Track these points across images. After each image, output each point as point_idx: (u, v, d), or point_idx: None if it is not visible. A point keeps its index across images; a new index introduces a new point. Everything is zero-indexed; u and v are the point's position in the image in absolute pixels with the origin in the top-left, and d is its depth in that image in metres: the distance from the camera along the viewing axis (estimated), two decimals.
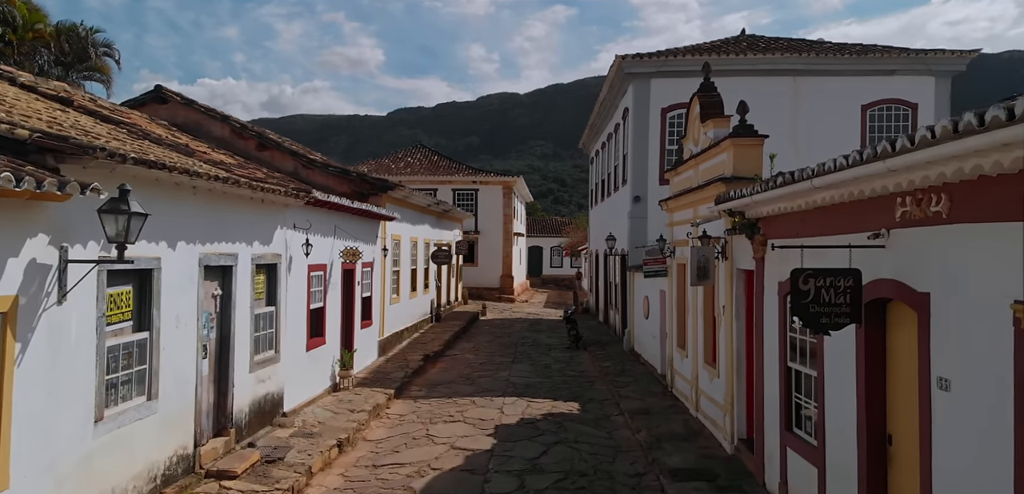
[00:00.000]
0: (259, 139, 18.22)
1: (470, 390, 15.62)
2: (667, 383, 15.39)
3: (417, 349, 20.20)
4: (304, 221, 12.56)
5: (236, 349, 10.36)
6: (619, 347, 21.66)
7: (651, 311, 17.89)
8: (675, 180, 15.05)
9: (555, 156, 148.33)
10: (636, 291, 20.11)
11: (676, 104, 20.60)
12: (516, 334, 25.82)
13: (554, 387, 16.10)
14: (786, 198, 7.86)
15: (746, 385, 10.74)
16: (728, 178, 10.96)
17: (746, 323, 10.72)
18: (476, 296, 40.61)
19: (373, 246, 17.87)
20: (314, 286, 13.55)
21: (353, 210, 15.05)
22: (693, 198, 12.99)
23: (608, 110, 25.42)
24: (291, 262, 12.29)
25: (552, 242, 66.11)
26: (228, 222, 10.06)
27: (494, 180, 42.70)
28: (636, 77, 20.83)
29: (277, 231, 11.74)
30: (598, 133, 29.67)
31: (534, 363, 19.43)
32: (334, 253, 14.53)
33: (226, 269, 10.14)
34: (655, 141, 20.71)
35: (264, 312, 11.44)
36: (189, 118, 17.63)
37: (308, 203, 12.25)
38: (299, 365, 12.80)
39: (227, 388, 10.18)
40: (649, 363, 17.93)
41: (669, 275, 15.24)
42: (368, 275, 17.42)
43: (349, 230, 15.42)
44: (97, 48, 24.43)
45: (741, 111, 11.10)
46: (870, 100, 20.54)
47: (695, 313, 13.15)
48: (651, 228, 20.52)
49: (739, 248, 10.63)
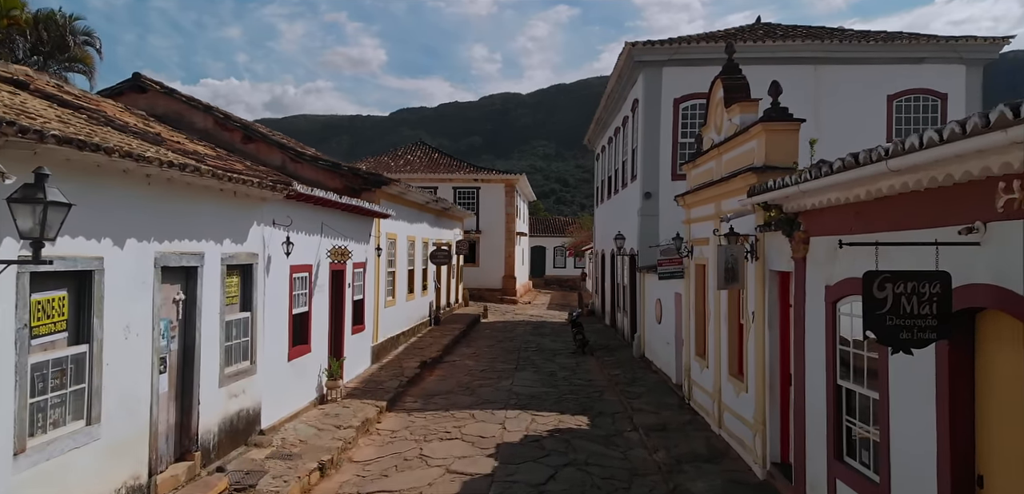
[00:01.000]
0: (244, 131, 17.06)
1: (469, 401, 14.38)
2: (684, 394, 14.14)
3: (414, 355, 18.98)
4: (284, 217, 11.34)
5: (202, 361, 9.14)
6: (628, 353, 20.41)
7: (664, 315, 16.64)
8: (693, 173, 13.80)
9: (557, 156, 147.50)
10: (647, 293, 18.86)
11: (690, 94, 19.36)
12: (519, 338, 24.59)
13: (560, 398, 14.86)
14: (843, 187, 6.61)
15: (780, 402, 9.50)
16: (759, 168, 9.71)
17: (780, 332, 9.48)
18: (477, 297, 39.37)
19: (366, 245, 16.65)
20: (297, 289, 12.33)
21: (342, 206, 13.83)
22: (715, 192, 11.74)
23: (616, 102, 24.16)
24: (270, 262, 11.07)
25: (555, 242, 64.81)
26: (192, 217, 8.84)
27: (496, 178, 41.46)
28: (647, 66, 19.57)
29: (253, 228, 10.52)
30: (604, 128, 28.42)
31: (538, 370, 18.19)
32: (321, 252, 13.31)
33: (190, 270, 8.92)
34: (667, 133, 19.46)
35: (237, 318, 10.22)
36: (170, 108, 16.53)
37: (288, 196, 11.03)
38: (280, 376, 11.58)
39: (192, 405, 8.96)
40: (662, 371, 16.68)
41: (686, 277, 13.99)
42: (360, 276, 16.20)
43: (338, 228, 14.20)
44: (76, 36, 23.17)
45: (773, 92, 9.86)
46: (897, 90, 19.26)
47: (718, 319, 11.91)
48: (663, 226, 19.27)
49: (773, 247, 9.38)
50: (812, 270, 8.01)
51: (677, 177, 19.31)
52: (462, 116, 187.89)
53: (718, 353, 11.85)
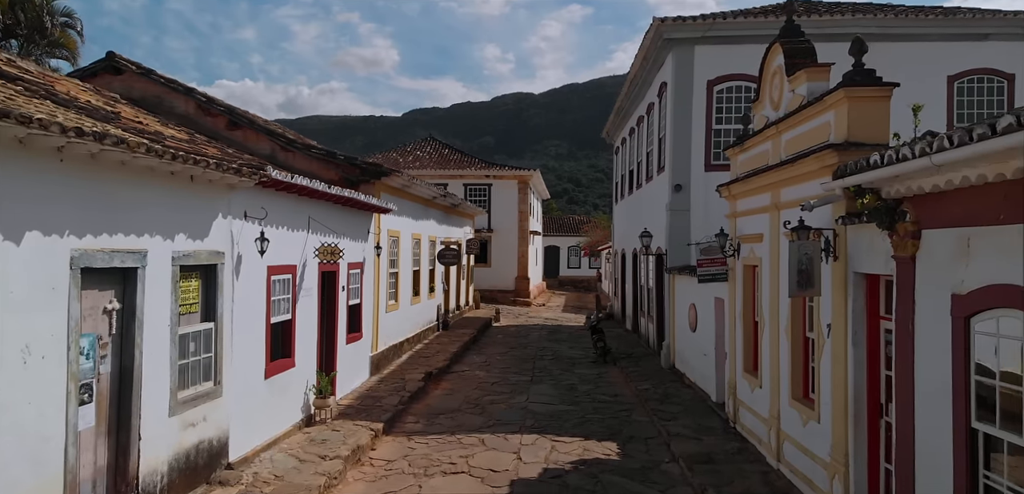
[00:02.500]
0: (229, 116, 15.29)
1: (479, 422, 12.52)
2: (727, 416, 12.20)
3: (418, 365, 17.14)
4: (258, 208, 9.53)
5: (146, 385, 7.34)
6: (655, 362, 18.48)
7: (700, 322, 14.70)
8: (739, 159, 11.87)
9: (570, 156, 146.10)
10: (678, 297, 16.91)
11: (725, 75, 17.41)
12: (533, 345, 22.70)
13: (583, 418, 12.96)
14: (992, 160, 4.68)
15: (868, 439, 7.56)
16: (839, 144, 7.79)
17: (868, 350, 7.55)
18: (489, 299, 37.52)
19: (363, 244, 14.83)
20: (278, 293, 10.52)
21: (333, 198, 12.01)
22: (773, 178, 9.81)
23: (640, 89, 22.20)
24: (240, 262, 9.27)
25: (569, 242, 62.89)
26: (131, 207, 7.04)
27: (509, 174, 39.62)
28: (677, 44, 17.63)
29: (218, 221, 8.71)
30: (625, 118, 26.47)
31: (556, 383, 16.30)
32: (307, 251, 11.50)
33: (128, 272, 7.12)
34: (700, 120, 17.50)
35: (197, 330, 8.42)
36: (148, 91, 14.84)
37: (262, 183, 9.22)
38: (254, 397, 9.77)
39: (130, 442, 7.15)
40: (698, 386, 14.73)
41: (731, 279, 12.05)
42: (356, 278, 14.38)
43: (329, 223, 12.39)
44: (54, 18, 21.52)
45: (856, 51, 7.95)
46: (958, 70, 17.20)
47: (774, 330, 9.97)
48: (695, 222, 17.34)
49: (859, 243, 7.46)
50: (926, 273, 6.08)
51: (711, 168, 17.38)
52: (475, 116, 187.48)
53: (775, 372, 9.92)
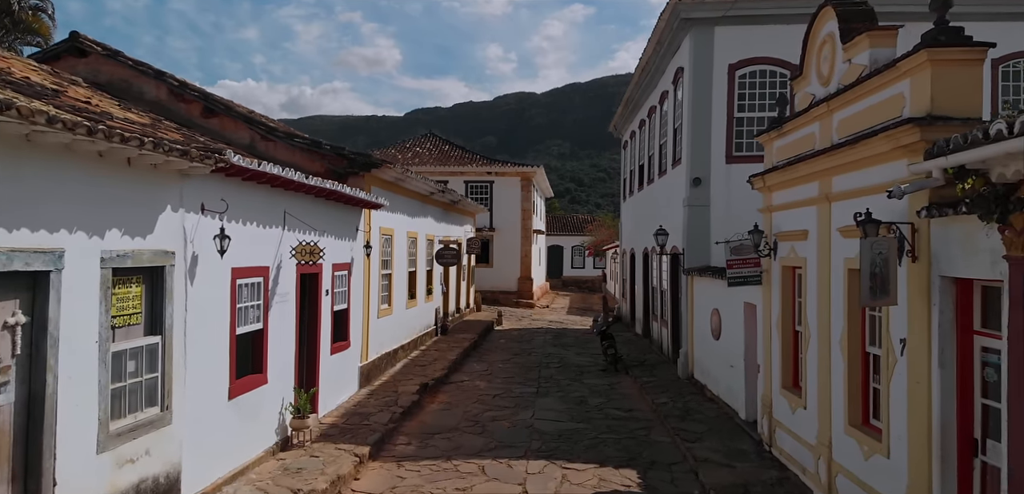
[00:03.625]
0: (204, 102, 13.89)
1: (479, 444, 11.09)
2: (761, 437, 10.75)
3: (413, 375, 15.70)
4: (218, 200, 8.09)
5: (64, 416, 5.91)
6: (670, 371, 17.04)
7: (725, 330, 13.25)
8: (776, 145, 10.41)
9: (572, 155, 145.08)
10: (697, 301, 15.46)
11: (748, 59, 15.95)
12: (538, 351, 21.25)
13: (597, 439, 11.52)
14: None
15: (959, 481, 6.11)
16: (921, 119, 6.34)
17: (959, 373, 6.10)
18: (491, 301, 36.09)
19: (351, 242, 13.40)
20: (245, 299, 9.09)
21: (312, 190, 10.58)
22: (823, 164, 8.36)
23: (652, 76, 20.71)
24: (196, 263, 7.84)
25: (573, 241, 61.44)
26: (41, 196, 5.63)
27: (511, 171, 38.17)
28: (695, 25, 16.17)
29: (165, 215, 7.29)
30: (635, 110, 25.00)
31: (565, 395, 14.86)
32: (283, 250, 10.07)
33: (38, 277, 5.70)
34: (720, 107, 16.04)
35: (138, 346, 6.99)
36: (115, 74, 13.53)
37: (221, 170, 7.78)
38: (215, 422, 8.35)
39: (41, 487, 5.72)
40: (722, 400, 13.28)
41: (766, 283, 10.59)
42: (343, 281, 12.95)
43: (310, 219, 10.96)
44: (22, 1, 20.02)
45: (940, 5, 6.48)
46: (1006, 52, 15.72)
47: (824, 342, 8.51)
48: (716, 218, 15.89)
49: (949, 239, 6.01)
50: None
51: (733, 159, 15.93)
52: (477, 116, 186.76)
53: (825, 392, 8.46)
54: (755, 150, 15.91)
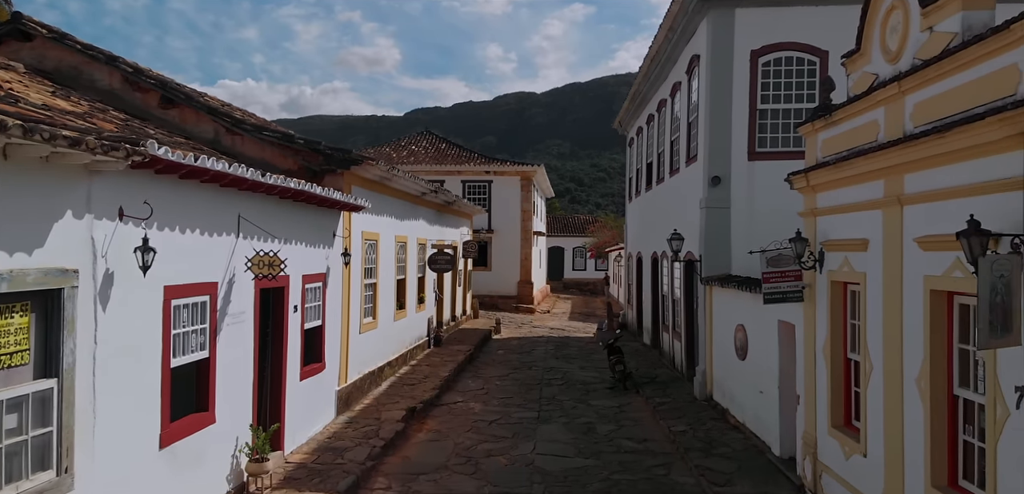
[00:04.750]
0: (162, 91, 12.31)
1: (471, 488, 9.47)
2: (803, 481, 9.13)
3: (399, 396, 14.08)
4: (140, 204, 6.48)
5: None
6: (686, 390, 15.43)
7: (753, 349, 11.64)
8: (822, 137, 8.78)
9: (572, 155, 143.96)
10: (717, 314, 13.84)
11: (773, 44, 14.33)
12: (539, 364, 19.63)
13: (608, 480, 9.90)
14: None
15: None
16: None
17: None
18: (490, 306, 34.49)
19: (327, 250, 11.78)
20: (184, 324, 7.48)
21: (278, 190, 8.96)
22: (893, 158, 6.75)
23: (663, 67, 19.07)
24: (110, 284, 6.23)
25: (574, 242, 59.90)
26: None
27: (511, 170, 36.56)
28: (714, 7, 14.54)
29: (63, 223, 5.68)
30: (643, 104, 23.37)
31: (569, 420, 13.25)
32: (236, 262, 8.46)
33: None
34: (742, 98, 14.42)
35: (23, 394, 5.38)
36: (64, 60, 12.09)
37: (139, 165, 6.16)
38: (142, 478, 6.73)
39: None
40: (750, 430, 11.66)
41: (809, 299, 8.97)
42: (317, 294, 11.34)
43: (271, 224, 9.36)
44: None
45: None
46: None
47: (893, 378, 6.89)
48: (737, 221, 14.29)
49: None
50: None
51: (757, 156, 14.32)
52: (477, 116, 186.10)
53: (896, 440, 6.85)
54: (781, 145, 14.32)
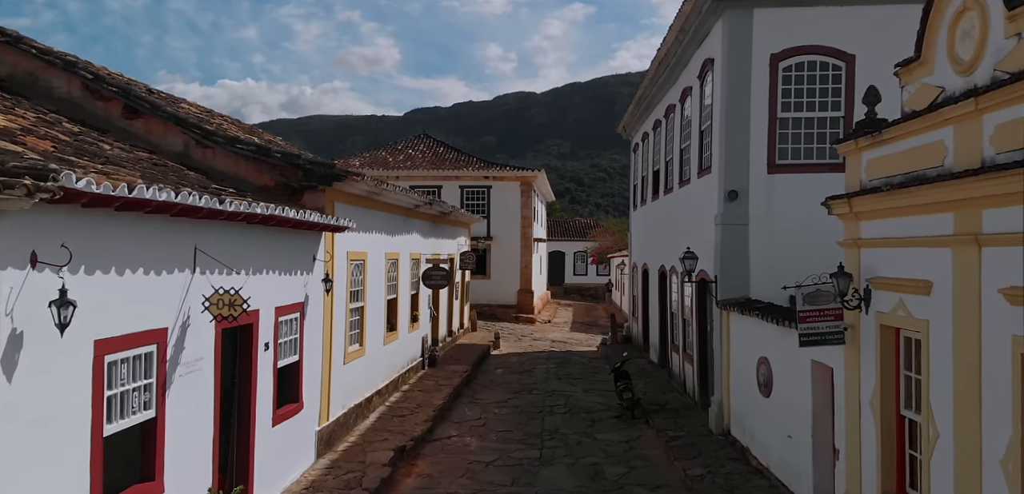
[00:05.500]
0: (125, 100, 11.18)
1: None
2: None
3: (388, 431, 12.92)
4: (56, 247, 5.32)
5: None
6: (699, 420, 14.29)
7: (778, 387, 10.50)
8: (868, 158, 7.63)
9: (572, 155, 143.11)
10: (735, 342, 12.70)
11: (795, 47, 13.19)
12: (540, 385, 18.48)
13: None
14: None
15: None
16: None
17: None
18: (488, 316, 33.39)
19: (305, 277, 10.63)
20: (124, 382, 6.33)
21: (243, 216, 7.80)
22: (970, 190, 5.60)
23: (672, 70, 17.92)
24: (18, 346, 5.08)
25: (575, 247, 58.76)
26: None
27: (510, 175, 35.44)
28: (730, 7, 13.40)
29: None
30: (649, 108, 22.22)
31: (574, 460, 12.11)
32: (190, 303, 7.31)
33: None
34: (760, 106, 13.27)
35: None
36: (19, 66, 11.14)
37: (58, 201, 5.01)
38: None
39: None
40: (775, 476, 10.50)
41: (853, 342, 7.82)
42: (292, 326, 10.19)
43: (235, 255, 8.21)
44: None
45: None
46: None
47: (967, 451, 5.73)
48: (756, 240, 13.16)
49: None
50: None
51: (777, 168, 13.18)
52: (477, 116, 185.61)
53: None
54: (804, 157, 13.18)
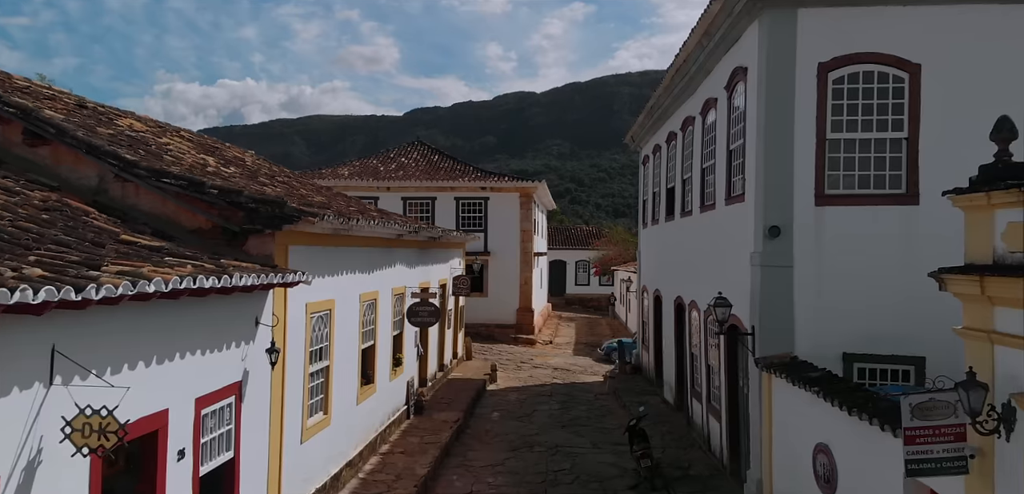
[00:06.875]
0: (25, 123, 8.99)
1: None
2: None
3: None
4: None
5: None
6: (729, 490, 12.07)
7: (845, 487, 8.26)
8: (1003, 219, 5.39)
9: (572, 156, 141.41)
10: (779, 414, 10.46)
11: (849, 55, 10.95)
12: (542, 437, 16.22)
13: None
14: None
15: None
16: None
17: None
18: (486, 337, 31.19)
19: (245, 347, 8.40)
20: None
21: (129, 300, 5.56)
22: None
23: (692, 77, 15.64)
24: None
25: (577, 256, 56.59)
26: None
27: (509, 186, 33.20)
28: (769, 7, 11.18)
29: None
30: (662, 120, 19.97)
31: None
32: (40, 430, 5.09)
33: None
34: (807, 125, 11.03)
35: None
36: None
37: None
38: None
39: None
40: None
41: (984, 475, 5.58)
42: (223, 417, 7.96)
43: (131, 344, 6.00)
44: None
45: None
46: None
47: None
48: (802, 286, 10.94)
49: None
50: None
51: (826, 200, 10.96)
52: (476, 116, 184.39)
53: None
54: (859, 185, 10.96)
